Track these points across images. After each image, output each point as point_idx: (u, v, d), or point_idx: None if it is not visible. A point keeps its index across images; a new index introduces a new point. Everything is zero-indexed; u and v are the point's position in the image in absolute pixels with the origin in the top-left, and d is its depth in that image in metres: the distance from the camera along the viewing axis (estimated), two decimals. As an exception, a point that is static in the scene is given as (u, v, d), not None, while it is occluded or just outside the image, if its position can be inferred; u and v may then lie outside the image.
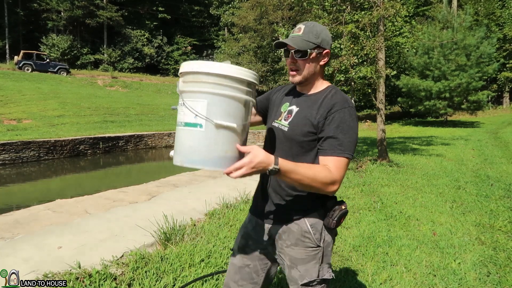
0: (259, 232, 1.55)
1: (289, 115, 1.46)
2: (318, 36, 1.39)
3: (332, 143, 1.33)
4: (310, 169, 1.25)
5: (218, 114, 1.17)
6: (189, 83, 1.20)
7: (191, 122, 1.18)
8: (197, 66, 1.18)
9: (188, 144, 1.19)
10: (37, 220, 3.91)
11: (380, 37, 7.45)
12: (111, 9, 34.05)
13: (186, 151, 1.20)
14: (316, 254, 1.44)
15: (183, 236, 3.35)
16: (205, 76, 1.17)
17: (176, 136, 1.26)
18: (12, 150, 10.37)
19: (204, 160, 1.18)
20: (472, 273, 2.89)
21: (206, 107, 1.17)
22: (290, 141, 1.42)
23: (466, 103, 20.87)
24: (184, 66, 1.23)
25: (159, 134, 15.15)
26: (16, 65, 24.54)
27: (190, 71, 1.20)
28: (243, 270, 1.56)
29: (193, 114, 1.18)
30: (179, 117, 1.24)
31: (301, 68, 1.41)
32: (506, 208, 4.62)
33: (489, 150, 10.42)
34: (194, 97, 1.18)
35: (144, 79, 31.61)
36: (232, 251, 1.65)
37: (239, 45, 29.43)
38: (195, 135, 1.18)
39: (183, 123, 1.21)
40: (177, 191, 5.38)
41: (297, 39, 1.38)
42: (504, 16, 29.48)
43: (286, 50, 1.42)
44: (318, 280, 1.44)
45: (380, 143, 8.28)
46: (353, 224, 4.00)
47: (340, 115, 1.34)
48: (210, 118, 1.17)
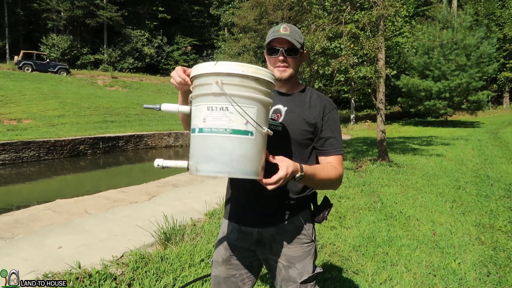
0: (245, 240, 1.50)
1: (278, 115, 1.46)
2: (301, 37, 1.47)
3: (332, 143, 1.44)
4: (323, 169, 1.34)
5: (262, 121, 1.14)
6: (234, 86, 1.10)
7: (242, 129, 1.10)
8: (251, 70, 1.11)
9: (238, 153, 1.09)
10: (37, 220, 3.91)
11: (380, 37, 7.45)
12: (111, 9, 34.05)
13: (236, 161, 1.10)
14: (311, 249, 1.50)
15: (183, 236, 3.35)
16: (256, 83, 1.13)
17: (212, 143, 1.11)
18: (12, 150, 10.37)
19: (252, 170, 1.12)
20: (472, 273, 2.89)
21: (256, 114, 1.12)
22: (286, 140, 1.44)
23: (466, 103, 20.86)
24: (225, 67, 1.11)
25: (159, 134, 15.15)
26: (16, 65, 24.53)
27: (237, 73, 1.10)
28: (229, 280, 1.52)
29: (244, 120, 1.10)
30: (217, 122, 1.10)
31: (291, 65, 1.45)
32: (506, 208, 4.61)
33: (489, 150, 10.42)
34: (244, 102, 1.10)
35: (144, 79, 31.60)
36: (212, 263, 1.58)
37: (239, 45, 29.43)
38: (246, 144, 1.10)
39: (229, 130, 1.09)
40: (177, 191, 5.38)
41: (289, 37, 1.40)
42: (504, 16, 29.48)
43: (273, 49, 1.43)
44: (314, 275, 1.49)
45: (380, 143, 8.28)
46: (353, 224, 4.00)
47: (333, 115, 1.47)
48: (261, 126, 1.12)
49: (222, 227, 1.59)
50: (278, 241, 1.46)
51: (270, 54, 1.45)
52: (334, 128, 1.45)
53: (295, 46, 1.41)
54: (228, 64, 1.11)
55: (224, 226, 1.58)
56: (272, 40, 1.42)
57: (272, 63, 1.46)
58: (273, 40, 1.42)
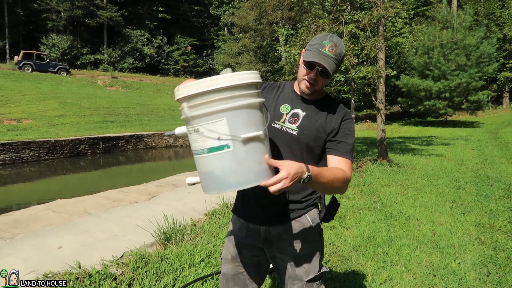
0: (254, 238, 1.53)
1: (296, 119, 1.46)
2: (342, 58, 1.42)
3: (345, 147, 1.45)
4: (330, 171, 1.33)
5: (241, 127, 1.10)
6: (197, 106, 1.10)
7: (216, 146, 1.09)
8: (205, 85, 1.08)
9: (219, 169, 1.11)
10: (37, 220, 3.91)
11: (380, 37, 7.45)
12: (111, 9, 34.03)
13: (219, 177, 1.11)
14: (317, 248, 1.51)
15: (183, 236, 3.35)
16: (216, 94, 1.08)
17: (200, 165, 1.16)
18: (12, 150, 10.37)
19: (242, 180, 1.11)
20: (472, 273, 2.89)
21: (227, 124, 1.09)
22: (300, 144, 1.45)
23: (466, 103, 20.85)
24: (185, 90, 1.11)
25: (159, 134, 15.15)
26: (16, 65, 24.52)
27: (194, 93, 1.09)
28: (236, 278, 1.55)
29: (215, 137, 1.09)
30: (196, 145, 1.14)
31: (319, 84, 1.43)
32: (506, 208, 4.62)
33: (489, 150, 10.41)
34: (210, 119, 1.09)
35: (144, 79, 31.59)
36: (221, 260, 1.61)
37: (239, 45, 29.41)
38: (225, 158, 1.10)
39: (205, 149, 1.11)
40: (177, 191, 5.37)
41: (329, 61, 1.36)
42: (504, 16, 29.45)
43: (310, 64, 1.38)
44: (320, 274, 1.50)
45: (380, 143, 8.28)
46: (353, 224, 4.00)
47: (350, 124, 1.49)
48: (235, 135, 1.09)
49: (231, 224, 1.63)
50: (285, 239, 1.48)
51: (305, 66, 1.41)
52: (349, 136, 1.47)
53: (331, 72, 1.38)
54: (185, 87, 1.11)
55: (233, 223, 1.62)
56: (314, 60, 1.36)
57: (303, 73, 1.43)
58: (315, 56, 1.36)
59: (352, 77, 7.99)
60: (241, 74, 1.12)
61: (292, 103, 1.50)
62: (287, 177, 1.11)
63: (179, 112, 1.23)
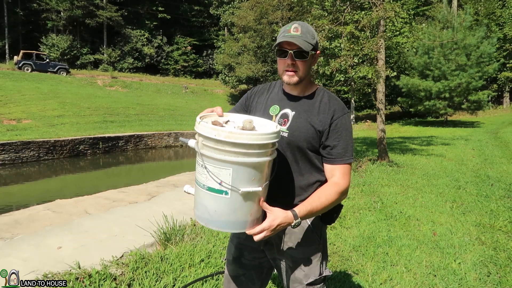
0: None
1: (285, 119, 1.40)
2: (313, 37, 1.37)
3: (339, 151, 1.38)
4: (321, 197, 1.31)
5: (243, 181, 1.14)
6: (211, 148, 1.14)
7: (216, 188, 1.15)
8: (223, 135, 1.10)
9: (213, 208, 1.18)
10: (37, 220, 3.90)
11: (380, 38, 7.45)
12: (110, 9, 34.00)
13: (210, 214, 1.19)
14: (318, 251, 1.48)
15: (183, 236, 3.35)
16: (230, 146, 1.11)
17: (198, 195, 1.23)
18: (12, 150, 10.36)
19: (230, 226, 1.20)
20: (472, 273, 2.89)
21: (231, 175, 1.13)
22: (292, 147, 1.39)
23: (466, 103, 20.84)
24: (204, 129, 1.14)
25: (159, 134, 15.15)
26: (16, 65, 24.52)
27: (209, 136, 1.12)
28: (238, 280, 1.54)
29: (218, 181, 1.14)
30: (199, 177, 1.19)
31: (299, 69, 1.37)
32: (506, 208, 4.61)
33: (489, 150, 10.41)
34: (217, 164, 1.13)
35: (144, 79, 31.58)
36: (225, 261, 1.61)
37: (239, 45, 29.40)
38: (220, 201, 1.16)
39: (206, 186, 1.17)
40: (177, 191, 5.37)
41: (298, 39, 1.32)
42: (504, 16, 29.44)
43: (282, 50, 1.35)
44: (321, 278, 1.47)
45: (380, 143, 8.27)
46: (353, 224, 4.00)
47: (342, 121, 1.39)
48: (235, 187, 1.13)
49: None
50: (285, 242, 1.46)
51: (279, 55, 1.37)
52: (343, 135, 1.38)
53: (302, 50, 1.32)
54: (205, 126, 1.15)
55: None
56: (282, 41, 1.34)
57: (281, 65, 1.39)
58: (283, 41, 1.33)
59: (352, 77, 7.98)
60: (260, 135, 1.14)
61: (280, 104, 1.44)
62: (269, 228, 1.20)
63: (179, 112, 1.24)
